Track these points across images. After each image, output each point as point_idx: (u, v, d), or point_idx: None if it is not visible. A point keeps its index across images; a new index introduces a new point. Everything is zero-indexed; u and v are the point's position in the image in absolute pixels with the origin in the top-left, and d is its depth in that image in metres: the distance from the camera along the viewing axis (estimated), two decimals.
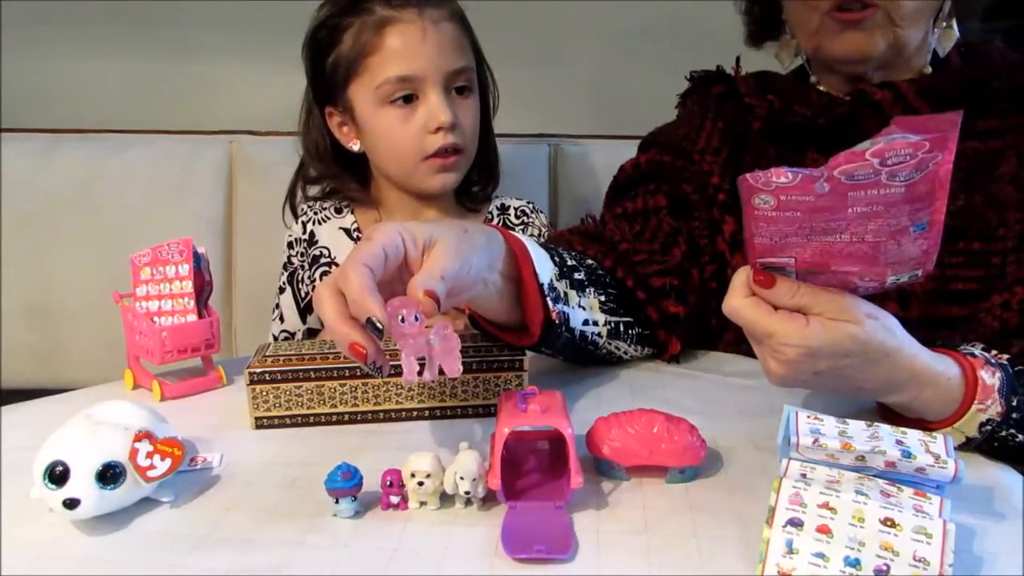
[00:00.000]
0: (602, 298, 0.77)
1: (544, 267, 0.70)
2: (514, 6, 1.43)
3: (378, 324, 0.50)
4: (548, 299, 0.68)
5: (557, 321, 0.69)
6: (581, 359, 0.80)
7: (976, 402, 0.57)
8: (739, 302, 0.55)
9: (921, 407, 0.58)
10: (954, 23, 0.79)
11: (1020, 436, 0.58)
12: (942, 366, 0.58)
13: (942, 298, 0.74)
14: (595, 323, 0.75)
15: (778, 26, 0.87)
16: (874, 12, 0.74)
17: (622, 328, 0.79)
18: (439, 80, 0.92)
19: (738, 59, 0.92)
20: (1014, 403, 0.58)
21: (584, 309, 0.74)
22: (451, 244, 0.56)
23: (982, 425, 0.57)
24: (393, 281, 0.55)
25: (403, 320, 0.52)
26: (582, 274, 0.76)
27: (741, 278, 0.55)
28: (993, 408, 0.58)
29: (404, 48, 0.91)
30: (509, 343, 0.71)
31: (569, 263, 0.75)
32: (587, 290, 0.76)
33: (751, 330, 0.55)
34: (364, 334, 0.51)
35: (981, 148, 0.76)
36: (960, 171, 0.75)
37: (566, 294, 0.72)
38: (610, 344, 0.78)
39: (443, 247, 0.56)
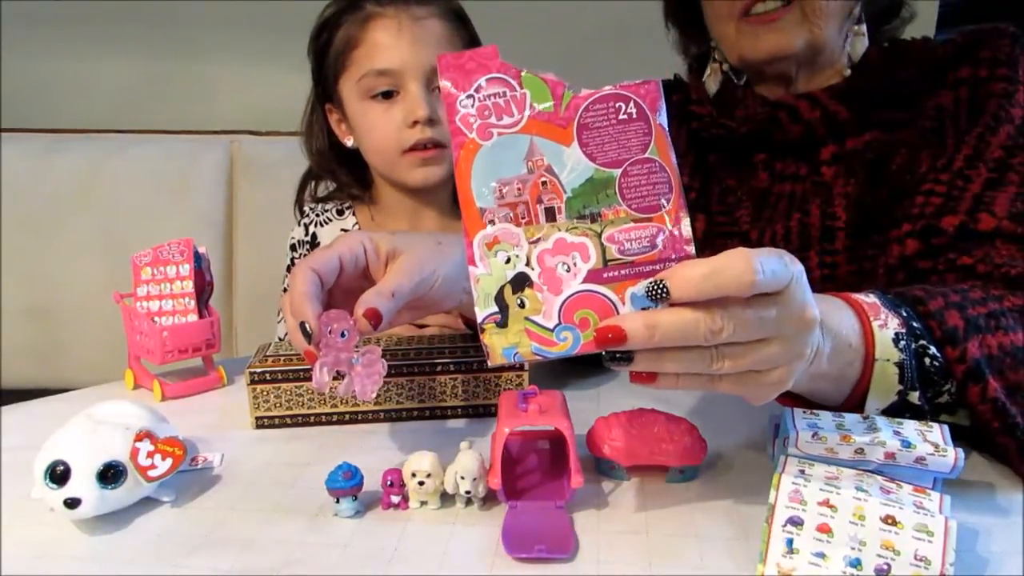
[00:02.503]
0: None
1: None
2: (514, 6, 1.44)
3: (308, 329, 0.52)
4: None
5: None
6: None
7: (871, 318, 0.55)
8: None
9: (836, 348, 0.52)
10: (864, 29, 0.80)
11: (932, 348, 0.56)
12: (824, 299, 0.54)
13: (859, 291, 0.74)
14: None
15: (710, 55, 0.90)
16: (789, 10, 0.75)
17: None
18: (418, 75, 0.93)
19: (691, 67, 0.94)
20: (904, 314, 0.56)
21: None
22: (413, 259, 0.57)
23: (896, 342, 0.55)
24: (355, 289, 0.56)
25: (331, 332, 0.53)
26: None
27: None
28: (891, 321, 0.55)
29: (383, 42, 0.92)
30: None
31: None
32: None
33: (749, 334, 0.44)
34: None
35: (884, 139, 0.77)
36: (865, 164, 0.76)
37: None
38: None
39: (404, 261, 0.57)
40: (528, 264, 0.46)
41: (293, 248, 1.08)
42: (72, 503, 0.50)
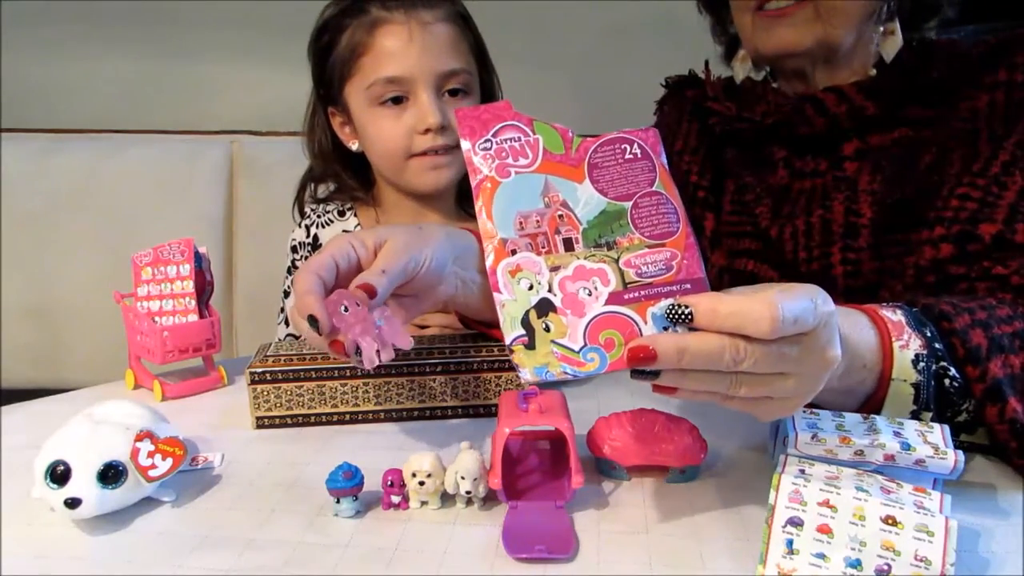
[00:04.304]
0: None
1: None
2: (514, 6, 1.44)
3: (316, 318, 0.54)
4: None
5: None
6: None
7: (894, 339, 0.55)
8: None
9: (849, 367, 0.54)
10: (897, 28, 0.79)
11: (952, 369, 0.56)
12: (849, 314, 0.56)
13: (883, 288, 0.74)
14: None
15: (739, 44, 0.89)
16: (801, 7, 0.75)
17: None
18: (429, 82, 0.92)
19: (707, 63, 0.93)
20: (928, 334, 0.57)
21: None
22: (398, 242, 0.59)
23: (915, 364, 0.56)
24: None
25: (347, 310, 0.54)
26: None
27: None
28: (913, 342, 0.56)
29: (393, 49, 0.91)
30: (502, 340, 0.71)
31: None
32: None
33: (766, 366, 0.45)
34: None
35: (912, 137, 0.76)
36: (892, 161, 0.76)
37: None
38: None
39: (389, 246, 0.59)
40: (550, 290, 0.48)
41: (294, 250, 1.08)
42: (72, 503, 0.50)
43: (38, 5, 1.54)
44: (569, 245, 0.49)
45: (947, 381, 0.56)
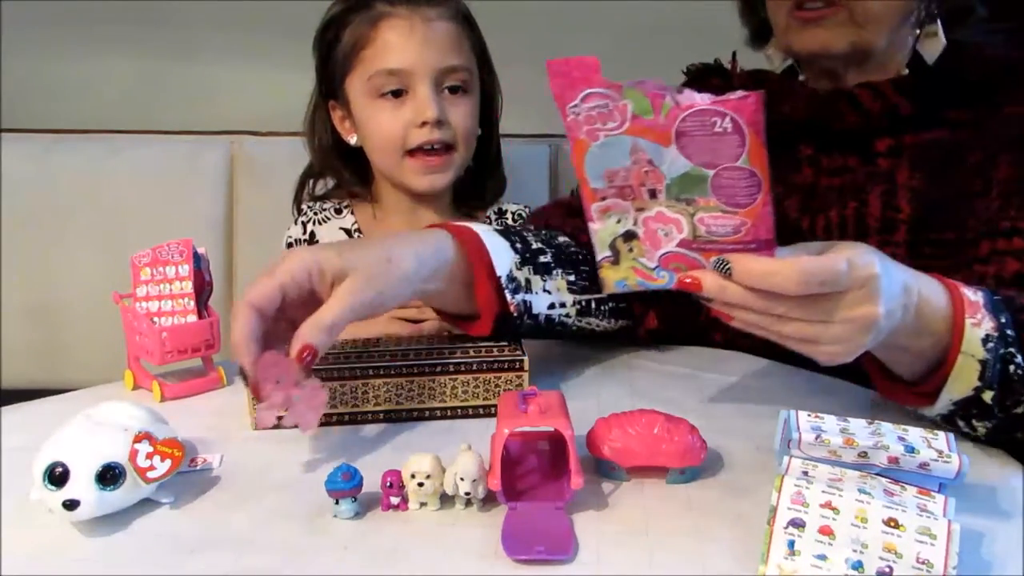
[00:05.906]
0: (571, 278, 0.77)
1: (503, 258, 0.70)
2: (514, 6, 1.43)
3: (245, 375, 0.56)
4: (507, 291, 0.69)
5: (515, 313, 0.70)
6: (551, 339, 0.81)
7: (967, 315, 0.56)
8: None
9: (921, 329, 0.56)
10: (939, 29, 0.78)
11: (1019, 357, 0.57)
12: (926, 280, 0.57)
13: None
14: (562, 304, 0.75)
15: (771, 29, 0.88)
16: (836, 11, 0.74)
17: (593, 305, 0.78)
18: (428, 76, 0.93)
19: (734, 54, 0.92)
20: (1002, 320, 0.57)
21: (549, 293, 0.74)
22: (356, 282, 0.58)
23: (984, 343, 0.56)
24: (301, 312, 0.57)
25: (277, 380, 0.56)
26: (548, 256, 0.76)
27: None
28: (986, 323, 0.57)
29: (394, 42, 0.93)
30: (466, 332, 0.72)
31: (534, 246, 0.75)
32: (554, 272, 0.75)
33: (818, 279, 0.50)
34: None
35: (951, 138, 0.76)
36: (931, 161, 0.75)
37: (528, 280, 0.72)
38: (580, 322, 0.78)
39: (348, 284, 0.58)
40: (635, 224, 0.55)
41: (290, 247, 1.08)
42: (71, 505, 0.50)
43: (38, 5, 1.53)
44: (653, 195, 0.54)
45: (1012, 367, 0.57)
